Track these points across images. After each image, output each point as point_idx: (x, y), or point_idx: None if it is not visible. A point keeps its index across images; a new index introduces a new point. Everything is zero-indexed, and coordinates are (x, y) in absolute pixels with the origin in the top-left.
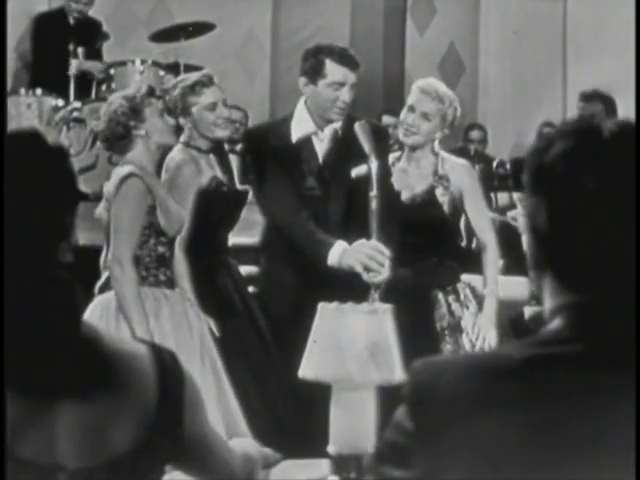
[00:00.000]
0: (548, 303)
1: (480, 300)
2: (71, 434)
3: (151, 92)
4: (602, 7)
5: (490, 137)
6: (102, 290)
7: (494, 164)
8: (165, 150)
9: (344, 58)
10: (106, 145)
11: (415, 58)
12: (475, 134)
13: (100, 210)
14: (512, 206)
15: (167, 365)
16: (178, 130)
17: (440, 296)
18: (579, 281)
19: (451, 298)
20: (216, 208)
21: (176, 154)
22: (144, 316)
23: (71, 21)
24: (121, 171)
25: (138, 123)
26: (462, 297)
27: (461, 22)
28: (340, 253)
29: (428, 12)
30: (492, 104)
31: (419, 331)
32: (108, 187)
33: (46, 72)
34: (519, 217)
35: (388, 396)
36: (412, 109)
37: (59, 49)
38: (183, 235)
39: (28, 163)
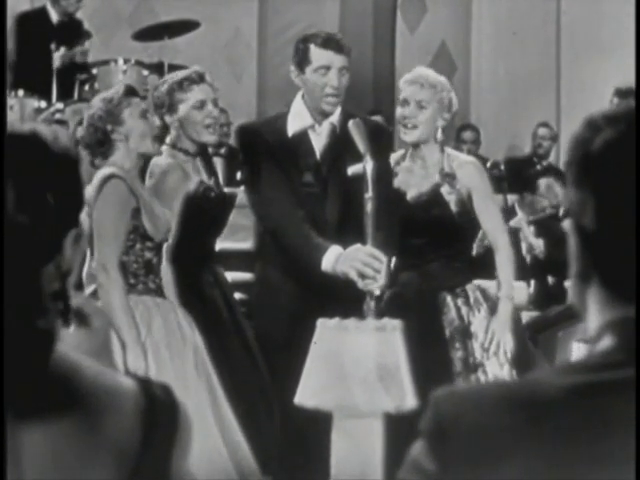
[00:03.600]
0: (594, 319)
1: (492, 303)
2: (39, 475)
3: (130, 91)
4: (596, 6)
5: (483, 138)
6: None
7: (488, 165)
8: (148, 156)
9: (327, 42)
10: (89, 152)
11: (405, 57)
12: (468, 135)
13: (82, 216)
14: (508, 209)
15: (158, 402)
16: (165, 131)
17: (449, 299)
18: (633, 291)
19: (460, 301)
20: (204, 214)
21: (162, 158)
22: (134, 324)
23: (53, 20)
24: (102, 173)
25: (116, 126)
26: (472, 300)
27: (452, 20)
28: (334, 258)
29: (419, 10)
30: (485, 104)
31: (428, 338)
32: (89, 190)
33: (28, 73)
34: (522, 223)
35: (397, 424)
36: (406, 102)
37: (41, 49)
38: (170, 242)
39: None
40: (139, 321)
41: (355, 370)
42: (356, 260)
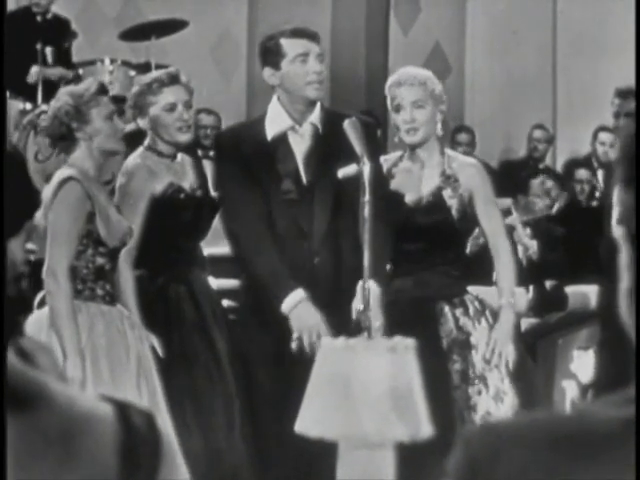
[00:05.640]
0: None
1: (492, 313)
2: None
3: (102, 90)
4: (593, 6)
5: (478, 140)
6: (41, 305)
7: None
8: (111, 154)
9: (297, 31)
10: (49, 143)
11: (399, 58)
12: (462, 137)
13: (39, 217)
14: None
15: (137, 431)
16: (139, 133)
17: (447, 309)
18: None
19: (459, 312)
20: (171, 217)
21: (131, 159)
22: (76, 333)
23: (38, 20)
24: (60, 174)
25: (81, 125)
26: (471, 311)
27: (447, 21)
28: (294, 304)
29: (412, 10)
30: (479, 106)
31: (423, 350)
32: (46, 192)
33: (13, 74)
34: (516, 222)
35: (409, 455)
36: (400, 107)
37: (26, 49)
38: (130, 246)
39: None
40: (81, 326)
41: (364, 395)
42: (305, 326)
